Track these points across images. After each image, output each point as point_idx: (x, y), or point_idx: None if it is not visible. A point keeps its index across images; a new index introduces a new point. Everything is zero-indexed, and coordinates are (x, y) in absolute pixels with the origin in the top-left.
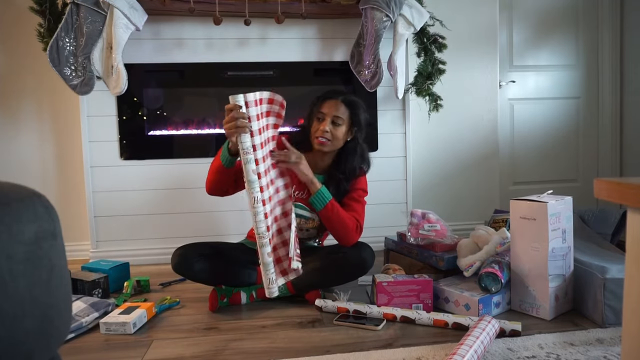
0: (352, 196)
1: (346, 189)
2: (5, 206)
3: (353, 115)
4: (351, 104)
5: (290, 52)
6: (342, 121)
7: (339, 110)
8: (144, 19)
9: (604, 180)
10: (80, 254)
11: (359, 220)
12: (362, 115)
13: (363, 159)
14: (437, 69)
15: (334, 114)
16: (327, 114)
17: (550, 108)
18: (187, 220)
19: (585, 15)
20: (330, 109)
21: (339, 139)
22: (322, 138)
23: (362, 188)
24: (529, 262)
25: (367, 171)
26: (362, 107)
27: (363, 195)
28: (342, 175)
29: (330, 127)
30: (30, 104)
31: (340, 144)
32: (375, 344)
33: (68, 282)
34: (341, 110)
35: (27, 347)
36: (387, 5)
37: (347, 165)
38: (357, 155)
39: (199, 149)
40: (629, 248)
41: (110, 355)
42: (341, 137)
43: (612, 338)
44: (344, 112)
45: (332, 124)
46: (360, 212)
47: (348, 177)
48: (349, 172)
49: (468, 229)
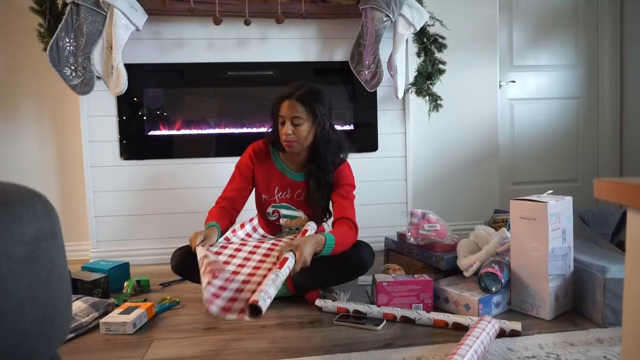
0: (341, 193)
1: (328, 182)
2: (5, 206)
3: (311, 110)
4: (305, 100)
5: (290, 52)
6: (301, 120)
7: (296, 110)
8: (144, 19)
9: (604, 180)
10: (80, 254)
11: (352, 219)
12: (322, 105)
13: (339, 147)
14: (437, 69)
15: (292, 115)
16: (285, 117)
17: (550, 108)
18: (187, 220)
19: (585, 15)
20: (286, 110)
21: (304, 137)
22: (287, 141)
23: (349, 183)
24: (529, 262)
25: (345, 158)
26: (319, 96)
27: (351, 191)
28: (321, 169)
29: (291, 128)
30: (30, 104)
31: (309, 139)
32: (375, 344)
33: (68, 282)
34: (298, 110)
35: (27, 347)
36: (387, 5)
37: (323, 158)
38: (330, 145)
39: (199, 149)
40: (629, 248)
41: (110, 355)
42: (306, 135)
43: (612, 338)
44: (301, 110)
45: (293, 124)
46: (351, 210)
47: (327, 169)
48: (326, 164)
49: (468, 229)
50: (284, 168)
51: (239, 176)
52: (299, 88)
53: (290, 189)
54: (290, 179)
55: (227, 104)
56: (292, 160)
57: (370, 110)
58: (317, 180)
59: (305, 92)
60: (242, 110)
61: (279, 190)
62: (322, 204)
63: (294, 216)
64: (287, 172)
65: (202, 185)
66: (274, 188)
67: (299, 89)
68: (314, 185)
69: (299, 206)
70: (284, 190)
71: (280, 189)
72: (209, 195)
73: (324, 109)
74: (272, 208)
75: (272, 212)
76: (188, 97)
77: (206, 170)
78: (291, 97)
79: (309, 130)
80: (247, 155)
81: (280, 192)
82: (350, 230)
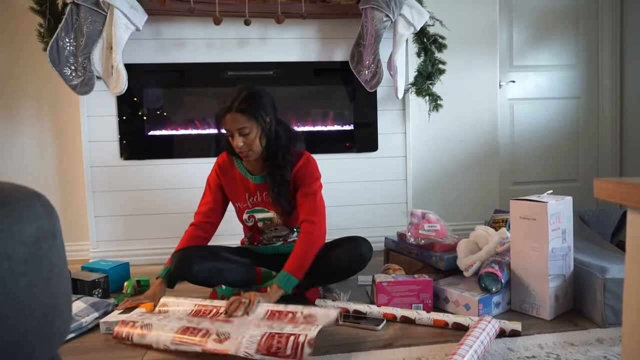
0: (304, 191)
1: (284, 177)
2: (5, 206)
3: (252, 117)
4: (245, 109)
5: (290, 52)
6: (247, 129)
7: (238, 122)
8: (144, 19)
9: (604, 180)
10: (80, 254)
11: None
12: (262, 108)
13: (290, 139)
14: (437, 69)
15: (237, 128)
16: (232, 130)
17: (550, 108)
18: (187, 220)
19: (585, 15)
20: (231, 124)
21: (256, 144)
22: (241, 153)
23: (311, 176)
24: (529, 262)
25: (302, 147)
26: (257, 100)
27: (316, 184)
28: (276, 166)
29: (241, 139)
30: (30, 104)
31: (262, 142)
32: (375, 344)
33: (68, 282)
34: (241, 121)
35: (27, 347)
36: (387, 5)
37: (275, 155)
38: (280, 140)
39: (199, 149)
40: (629, 248)
41: (110, 355)
42: (257, 141)
43: (612, 338)
44: (243, 120)
45: (241, 135)
46: (314, 206)
47: (281, 164)
48: (281, 160)
49: (468, 229)
50: (246, 173)
51: (208, 190)
52: (237, 97)
53: (258, 192)
54: (253, 183)
55: None
56: (251, 164)
57: (370, 110)
58: (274, 178)
59: (242, 101)
60: None
61: (249, 195)
62: (286, 200)
63: (268, 218)
64: (249, 177)
65: (201, 185)
66: (244, 195)
67: (236, 99)
68: (272, 183)
69: (269, 207)
70: (252, 195)
71: (249, 194)
72: None
73: (265, 110)
74: (247, 214)
75: (248, 217)
76: (188, 97)
77: (206, 170)
78: (231, 110)
79: (258, 135)
80: (214, 169)
81: (251, 197)
82: (308, 239)
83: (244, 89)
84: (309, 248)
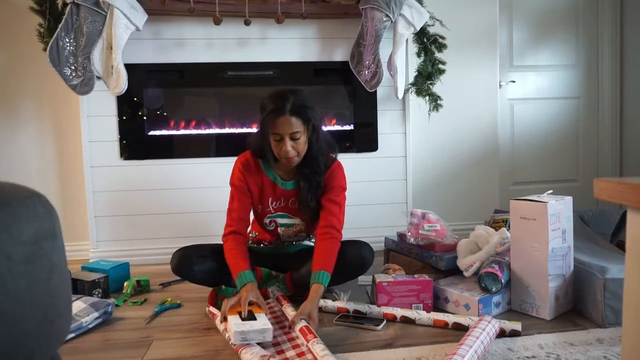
0: (330, 197)
1: (319, 182)
2: (5, 206)
3: (306, 120)
4: (299, 112)
5: (290, 52)
6: (299, 134)
7: (293, 125)
8: (144, 19)
9: (604, 180)
10: (80, 254)
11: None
12: (313, 111)
13: (329, 145)
14: (437, 69)
15: (290, 132)
16: (283, 134)
17: (550, 108)
18: (187, 220)
19: (585, 15)
20: (284, 128)
21: (303, 149)
22: (287, 158)
23: (339, 185)
24: (529, 262)
25: (336, 156)
26: (309, 103)
27: (342, 193)
28: (312, 170)
29: (291, 144)
30: (30, 104)
31: (306, 148)
32: (375, 344)
33: (68, 282)
34: (295, 125)
35: (27, 347)
36: (387, 5)
37: (315, 160)
38: (321, 145)
39: (199, 149)
40: (629, 248)
41: (110, 355)
42: (304, 145)
43: (612, 338)
44: (298, 124)
45: (292, 139)
46: (339, 215)
47: (318, 170)
48: (318, 165)
49: (468, 229)
50: (275, 178)
51: (237, 193)
52: (287, 99)
53: (284, 198)
54: (282, 188)
55: (227, 104)
56: (285, 169)
57: (370, 110)
58: (309, 182)
59: (295, 104)
60: (242, 110)
61: (273, 200)
62: (314, 207)
63: (290, 224)
64: (278, 182)
65: (202, 185)
66: (268, 199)
67: (287, 101)
68: (305, 187)
69: (294, 213)
70: (277, 200)
71: (273, 199)
72: (209, 195)
73: (315, 113)
74: (269, 219)
75: (269, 222)
76: (188, 97)
77: (206, 170)
78: (284, 113)
79: (306, 140)
80: (237, 170)
81: (274, 202)
82: (333, 244)
83: (288, 91)
84: (333, 251)
